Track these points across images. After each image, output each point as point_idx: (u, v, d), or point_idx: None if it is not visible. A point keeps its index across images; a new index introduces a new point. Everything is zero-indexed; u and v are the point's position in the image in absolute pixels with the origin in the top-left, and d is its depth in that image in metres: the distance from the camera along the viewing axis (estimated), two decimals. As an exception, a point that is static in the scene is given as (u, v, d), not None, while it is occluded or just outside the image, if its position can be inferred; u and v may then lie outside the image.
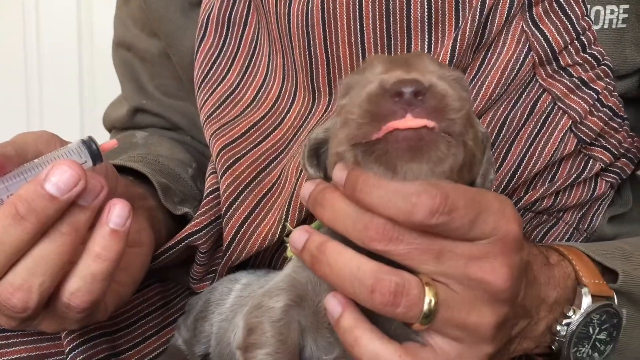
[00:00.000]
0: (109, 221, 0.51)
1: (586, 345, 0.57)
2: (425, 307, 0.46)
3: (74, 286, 0.51)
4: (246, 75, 0.79)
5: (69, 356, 0.61)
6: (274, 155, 0.72)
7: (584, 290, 0.56)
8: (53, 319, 0.55)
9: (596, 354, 0.58)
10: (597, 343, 0.57)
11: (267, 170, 0.71)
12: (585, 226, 0.73)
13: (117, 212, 0.51)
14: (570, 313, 0.56)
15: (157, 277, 0.75)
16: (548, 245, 0.61)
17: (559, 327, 0.56)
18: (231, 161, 0.71)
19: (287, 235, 0.57)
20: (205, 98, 0.78)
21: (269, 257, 0.72)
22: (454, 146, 0.45)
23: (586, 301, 0.56)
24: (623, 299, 0.58)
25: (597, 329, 0.57)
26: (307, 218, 0.68)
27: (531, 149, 0.67)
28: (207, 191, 0.73)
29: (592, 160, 0.69)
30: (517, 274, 0.48)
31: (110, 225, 0.51)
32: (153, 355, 0.68)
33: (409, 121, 0.44)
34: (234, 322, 0.60)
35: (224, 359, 0.63)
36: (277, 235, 0.66)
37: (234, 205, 0.68)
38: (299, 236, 0.50)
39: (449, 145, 0.45)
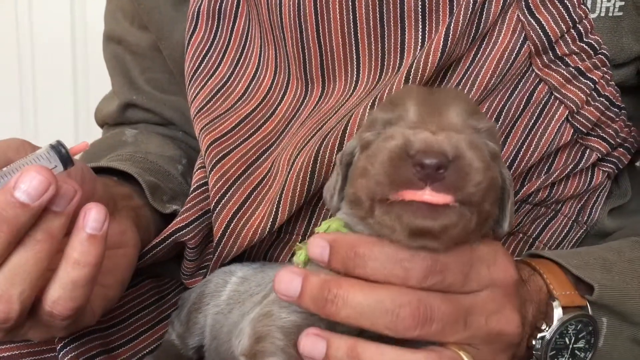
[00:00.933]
0: (85, 226, 0.50)
1: (565, 355, 0.57)
2: None
3: (55, 295, 0.50)
4: (237, 68, 0.78)
5: (61, 353, 0.60)
6: (264, 148, 0.71)
7: (555, 303, 0.56)
8: (38, 327, 0.54)
9: None
10: (576, 352, 0.57)
11: (257, 164, 0.70)
12: (585, 219, 0.72)
13: (93, 217, 0.50)
14: (544, 327, 0.56)
15: (151, 273, 0.74)
16: (520, 260, 0.61)
17: (534, 342, 0.56)
18: (220, 155, 0.70)
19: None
20: (196, 92, 0.77)
21: (264, 252, 0.71)
22: (467, 217, 0.44)
23: (557, 314, 0.56)
24: (602, 309, 0.58)
25: (574, 338, 0.56)
26: (301, 209, 0.67)
27: (527, 140, 0.66)
28: (194, 186, 0.72)
29: (588, 150, 0.69)
30: (522, 315, 0.50)
31: (87, 230, 0.50)
32: (147, 351, 0.67)
33: (427, 195, 0.43)
34: (240, 328, 0.58)
35: (220, 355, 0.62)
36: (267, 229, 0.65)
37: (223, 200, 0.67)
38: (314, 344, 0.47)
39: (462, 217, 0.44)
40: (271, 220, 0.65)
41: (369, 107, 0.63)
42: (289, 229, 0.69)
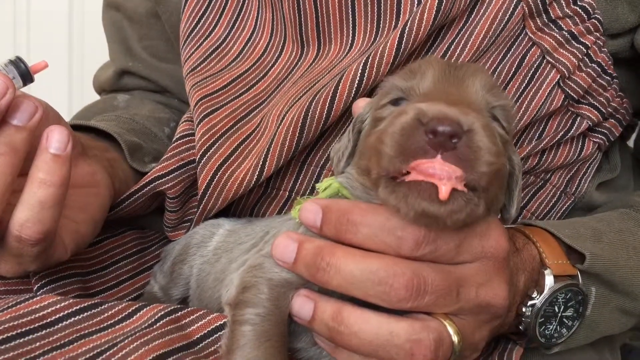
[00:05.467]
0: (49, 146, 0.51)
1: (553, 323, 0.57)
2: (456, 347, 0.47)
3: (23, 217, 0.51)
4: (234, 29, 0.78)
5: (38, 293, 0.60)
6: (254, 106, 0.71)
7: (547, 271, 0.56)
8: (9, 258, 0.54)
9: (564, 330, 0.58)
10: (564, 320, 0.57)
11: (246, 120, 0.70)
12: (574, 189, 0.72)
13: (56, 137, 0.51)
14: (535, 294, 0.56)
15: (135, 225, 0.74)
16: (515, 228, 0.61)
17: (524, 309, 0.56)
18: (209, 110, 0.70)
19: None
20: (190, 52, 0.77)
21: (251, 207, 0.70)
22: (474, 202, 0.44)
23: (549, 282, 0.56)
24: (591, 278, 0.58)
25: (563, 307, 0.57)
26: (289, 165, 0.67)
27: (518, 102, 0.66)
28: (177, 136, 0.72)
29: (579, 118, 0.68)
30: (510, 286, 0.51)
31: (51, 150, 0.50)
32: (126, 299, 0.66)
33: (438, 165, 0.42)
34: (230, 278, 0.58)
35: (203, 302, 0.62)
36: (253, 181, 0.65)
37: (209, 152, 0.67)
38: (302, 305, 0.48)
39: (468, 202, 0.43)
40: (257, 172, 0.64)
41: (361, 65, 0.63)
42: (276, 184, 0.69)
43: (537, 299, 0.56)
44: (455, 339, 0.47)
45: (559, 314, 0.57)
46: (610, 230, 0.62)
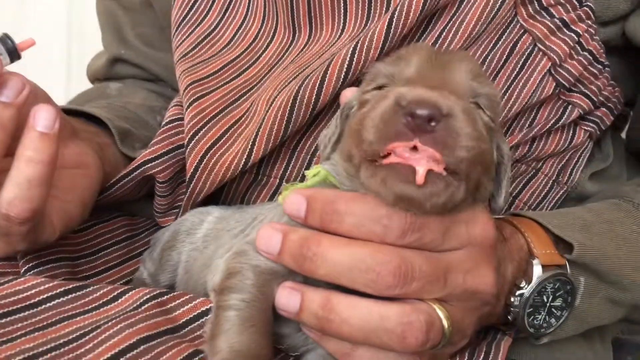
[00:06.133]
0: (36, 125, 0.51)
1: (542, 313, 0.57)
2: (447, 331, 0.47)
3: (11, 194, 0.51)
4: (226, 16, 0.78)
5: (26, 275, 0.59)
6: (244, 91, 0.71)
7: (535, 261, 0.56)
8: None
9: (553, 320, 0.58)
10: (553, 309, 0.57)
11: (236, 104, 0.70)
12: (565, 179, 0.72)
13: (43, 116, 0.51)
14: (523, 284, 0.56)
15: (125, 211, 0.74)
16: (503, 218, 0.61)
17: (512, 299, 0.56)
18: (199, 95, 0.69)
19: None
20: (182, 39, 0.77)
21: (241, 194, 0.70)
22: (454, 185, 0.44)
23: (537, 272, 0.56)
24: (580, 268, 0.58)
25: (551, 296, 0.57)
26: (279, 151, 0.67)
27: (510, 90, 0.66)
28: (166, 120, 0.72)
29: (570, 106, 0.68)
30: (497, 273, 0.51)
31: (38, 128, 0.51)
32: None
33: (416, 151, 0.42)
34: (215, 264, 0.57)
35: (189, 288, 0.62)
36: (241, 166, 0.64)
37: (198, 136, 0.67)
38: (288, 297, 0.47)
39: (448, 185, 0.43)
40: (245, 156, 0.64)
41: (350, 50, 0.62)
42: (266, 171, 0.68)
43: (526, 288, 0.56)
44: (445, 323, 0.47)
45: (548, 304, 0.57)
46: (599, 220, 0.62)
